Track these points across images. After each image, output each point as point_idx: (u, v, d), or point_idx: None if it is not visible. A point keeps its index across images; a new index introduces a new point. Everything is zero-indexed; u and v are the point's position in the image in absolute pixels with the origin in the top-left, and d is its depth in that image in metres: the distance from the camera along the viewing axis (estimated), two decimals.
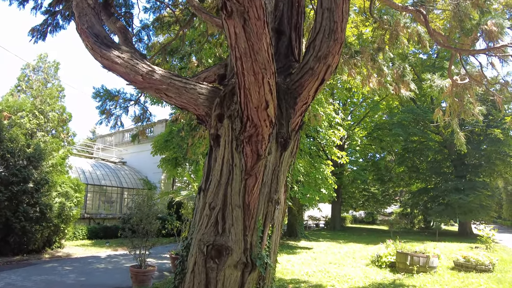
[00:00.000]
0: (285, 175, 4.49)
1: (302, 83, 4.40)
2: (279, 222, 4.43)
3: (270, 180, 4.24)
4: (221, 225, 3.93)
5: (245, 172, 3.94)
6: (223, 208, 3.98)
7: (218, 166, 4.19)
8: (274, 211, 4.23)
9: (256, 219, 4.01)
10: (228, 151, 4.10)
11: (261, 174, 3.98)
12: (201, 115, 4.59)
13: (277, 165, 4.32)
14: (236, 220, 3.90)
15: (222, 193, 4.02)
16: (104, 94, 11.64)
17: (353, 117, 34.16)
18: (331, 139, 18.71)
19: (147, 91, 4.77)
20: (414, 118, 27.81)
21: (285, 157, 4.42)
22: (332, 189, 17.88)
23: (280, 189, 4.37)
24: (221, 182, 4.09)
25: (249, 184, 3.92)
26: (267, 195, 4.16)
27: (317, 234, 26.72)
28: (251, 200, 3.95)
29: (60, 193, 14.68)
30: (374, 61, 9.62)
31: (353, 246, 19.08)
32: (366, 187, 35.57)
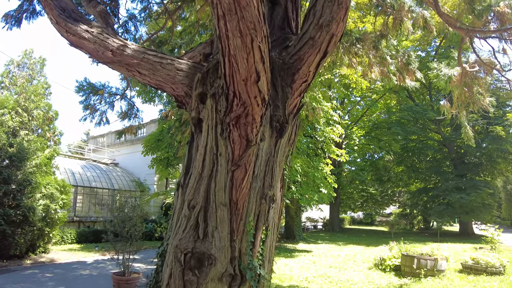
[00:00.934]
0: (281, 167, 3.76)
1: (301, 56, 3.69)
2: (275, 224, 3.70)
3: (263, 172, 3.51)
4: (202, 228, 3.20)
5: (232, 163, 3.21)
6: (205, 207, 3.24)
7: (199, 156, 3.46)
8: (268, 210, 3.50)
9: (246, 220, 3.28)
10: (212, 137, 3.37)
11: (251, 165, 3.25)
12: (179, 96, 3.86)
13: (272, 154, 3.59)
14: (221, 221, 3.16)
15: (204, 189, 3.29)
16: (87, 88, 10.89)
17: (350, 116, 33.53)
18: (329, 136, 18.01)
19: (118, 69, 4.02)
20: (413, 116, 27.18)
21: (281, 145, 3.69)
22: (332, 189, 17.17)
23: (276, 184, 3.64)
24: (203, 175, 3.36)
25: (237, 177, 3.19)
26: (259, 191, 3.43)
27: (315, 236, 26.00)
28: (239, 197, 3.22)
29: (45, 195, 13.87)
30: (377, 49, 8.94)
31: (353, 248, 18.37)
32: (364, 187, 34.86)
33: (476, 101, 9.13)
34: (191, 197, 3.36)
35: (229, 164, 3.21)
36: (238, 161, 3.17)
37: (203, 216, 3.21)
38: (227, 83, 3.00)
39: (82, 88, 10.86)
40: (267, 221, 3.47)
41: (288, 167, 4.01)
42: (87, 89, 10.87)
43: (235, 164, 3.18)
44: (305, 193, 16.88)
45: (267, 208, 3.47)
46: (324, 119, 18.57)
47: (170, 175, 18.49)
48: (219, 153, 3.29)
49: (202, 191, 3.28)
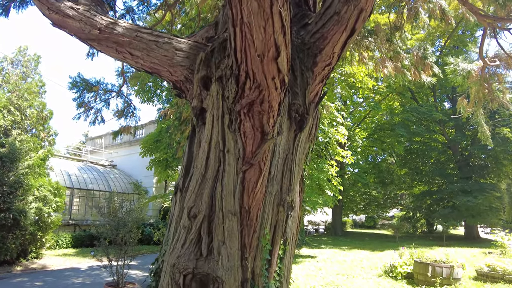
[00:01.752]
0: (301, 166, 3.16)
1: (324, 34, 3.08)
2: (293, 236, 3.09)
3: (280, 173, 2.92)
4: (206, 243, 2.59)
5: (243, 161, 2.61)
6: (209, 217, 2.64)
7: (202, 153, 2.85)
8: (286, 219, 2.90)
9: (261, 232, 2.68)
10: (218, 130, 2.77)
11: (267, 163, 2.64)
12: (178, 81, 3.26)
13: (290, 151, 3.00)
14: (229, 234, 2.55)
15: (207, 193, 2.68)
16: (81, 84, 10.27)
17: (352, 118, 32.93)
18: (334, 137, 17.40)
19: (106, 51, 3.41)
20: (418, 117, 26.59)
21: (301, 140, 3.09)
22: (337, 191, 16.55)
23: (295, 188, 3.04)
24: (207, 176, 2.75)
25: (250, 179, 2.59)
26: (276, 196, 2.83)
27: (318, 240, 25.38)
28: (252, 204, 2.62)
29: (38, 197, 13.24)
30: (390, 42, 8.34)
31: (358, 253, 17.74)
32: (367, 190, 34.21)
33: (496, 98, 8.53)
34: (191, 204, 2.75)
35: (240, 163, 2.60)
36: (251, 159, 2.56)
37: (207, 228, 2.61)
38: (238, 61, 2.40)
39: (76, 85, 10.25)
40: (285, 233, 2.87)
41: (307, 166, 3.40)
42: (81, 85, 10.26)
43: (247, 163, 2.57)
44: (309, 196, 16.25)
45: (285, 217, 2.87)
46: (328, 119, 18.01)
47: (169, 177, 17.88)
48: (227, 149, 2.68)
49: (206, 196, 2.67)
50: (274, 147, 2.81)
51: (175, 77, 3.28)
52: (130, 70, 11.92)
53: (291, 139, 2.98)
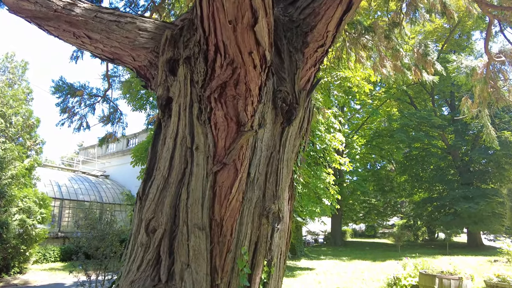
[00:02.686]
0: (290, 168, 2.61)
1: (316, 9, 2.57)
2: (282, 254, 2.52)
3: (263, 176, 2.36)
4: (165, 266, 2.03)
5: (214, 160, 2.05)
6: (171, 232, 2.09)
7: (166, 152, 2.31)
8: (271, 234, 2.34)
9: (237, 252, 2.11)
10: (184, 123, 2.23)
11: (245, 163, 2.10)
12: (142, 67, 2.72)
13: (276, 149, 2.45)
14: (196, 255, 2.00)
15: (169, 202, 2.13)
16: (65, 88, 9.75)
17: (350, 125, 32.49)
18: (331, 144, 16.88)
19: (63, 36, 2.89)
20: (417, 122, 26.16)
21: (290, 136, 2.55)
22: (335, 200, 15.96)
23: (282, 194, 2.48)
24: (170, 180, 2.20)
25: (222, 182, 2.04)
26: (258, 205, 2.28)
27: (317, 251, 24.69)
28: (226, 215, 2.07)
29: (22, 209, 12.60)
30: (389, 39, 7.87)
31: (358, 263, 17.08)
32: (366, 198, 33.57)
33: (502, 97, 8.04)
34: (150, 215, 2.19)
35: (210, 163, 2.05)
36: (223, 157, 2.02)
37: (168, 246, 2.05)
38: (206, 31, 1.87)
39: (59, 89, 9.72)
40: (270, 251, 2.30)
41: (299, 169, 2.85)
42: (64, 89, 9.73)
43: (219, 162, 2.02)
44: (306, 205, 15.67)
45: (270, 232, 2.31)
46: (325, 125, 17.55)
47: None
48: (195, 146, 2.13)
49: (167, 205, 2.12)
50: (255, 142, 2.27)
51: (139, 62, 2.75)
52: (116, 74, 11.41)
53: (277, 134, 2.44)
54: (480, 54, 25.13)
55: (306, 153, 18.12)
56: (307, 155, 18.22)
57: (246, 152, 2.07)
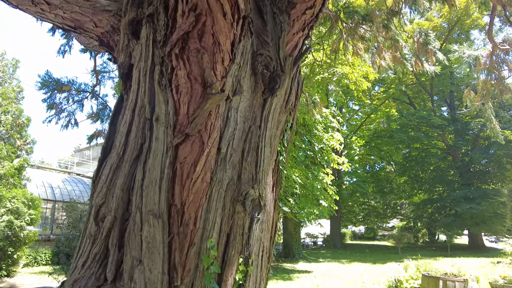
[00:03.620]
0: (274, 147, 2.21)
1: None
2: (265, 251, 2.11)
3: (239, 153, 1.97)
4: (113, 261, 1.64)
5: (174, 131, 1.66)
6: (122, 220, 1.69)
7: (124, 126, 1.92)
8: (250, 225, 1.93)
9: (203, 246, 1.71)
10: (144, 90, 1.84)
11: (214, 135, 1.72)
12: (104, 33, 2.34)
13: (257, 123, 2.06)
14: (150, 249, 1.61)
15: (121, 184, 1.75)
16: (51, 83, 9.37)
17: (349, 126, 32.15)
18: (329, 143, 16.49)
19: (22, 4, 2.50)
20: (417, 122, 25.80)
21: (274, 109, 2.16)
22: (333, 201, 15.55)
23: (264, 177, 2.09)
24: (125, 158, 1.81)
25: (185, 158, 1.67)
26: (230, 188, 1.88)
27: (316, 254, 24.23)
28: (189, 199, 1.69)
29: (10, 209, 12.16)
30: (388, 29, 7.51)
31: (358, 266, 16.65)
32: (365, 200, 33.15)
33: (506, 88, 7.66)
34: (101, 201, 1.80)
35: (170, 134, 1.65)
36: (186, 126, 1.62)
37: (118, 237, 1.66)
38: None
39: (45, 84, 9.34)
40: (248, 246, 1.90)
41: (285, 150, 2.44)
42: (51, 84, 9.35)
43: (181, 133, 1.64)
44: (304, 206, 15.24)
45: (248, 222, 1.91)
46: (323, 124, 17.19)
47: None
48: (156, 116, 1.74)
49: (119, 188, 1.73)
50: (228, 112, 1.88)
51: (101, 28, 2.36)
52: (106, 69, 11.03)
53: (257, 105, 2.05)
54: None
55: (304, 152, 17.75)
56: (305, 156, 17.87)
57: (216, 121, 1.69)
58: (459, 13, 24.37)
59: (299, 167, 15.99)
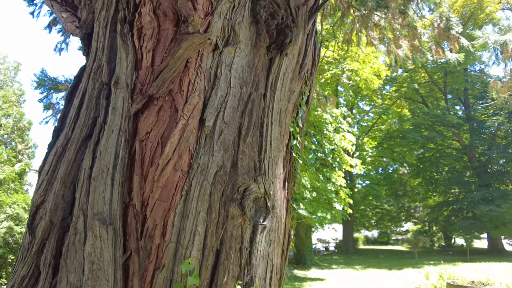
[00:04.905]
0: (286, 127, 1.63)
1: None
2: (275, 273, 1.51)
3: (234, 129, 1.40)
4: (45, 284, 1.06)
5: (133, 93, 1.09)
6: (61, 227, 1.12)
7: (77, 98, 1.34)
8: (251, 236, 1.35)
9: (176, 270, 1.14)
10: (103, 45, 1.30)
11: (195, 100, 1.15)
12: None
13: (260, 90, 1.49)
14: (93, 273, 1.04)
15: (63, 175, 1.18)
16: (47, 82, 8.97)
17: (360, 127, 31.37)
18: (340, 144, 15.81)
19: None
20: (431, 121, 24.92)
21: (284, 73, 1.60)
22: (347, 204, 14.85)
23: (272, 167, 1.51)
24: (73, 138, 1.23)
25: (147, 133, 1.10)
26: (220, 180, 1.31)
27: (328, 260, 23.44)
28: (153, 197, 1.12)
29: (10, 215, 11.79)
30: (405, 15, 6.90)
31: (373, 272, 15.88)
32: (378, 203, 32.17)
33: None
34: (39, 199, 1.26)
35: (127, 99, 1.09)
36: (150, 84, 1.06)
37: (53, 253, 1.11)
38: None
39: (41, 83, 8.94)
40: (250, 267, 1.32)
41: (300, 133, 1.85)
42: (46, 83, 8.94)
43: (142, 95, 1.07)
44: (315, 210, 14.55)
45: (249, 232, 1.34)
46: (334, 125, 16.55)
47: None
48: (114, 79, 1.20)
49: (59, 181, 1.18)
50: (218, 68, 1.31)
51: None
52: None
53: (260, 66, 1.47)
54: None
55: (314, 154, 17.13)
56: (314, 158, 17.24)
57: (197, 80, 1.14)
58: (472, 7, 23.58)
59: (309, 169, 15.35)
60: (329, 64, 13.02)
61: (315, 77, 1.99)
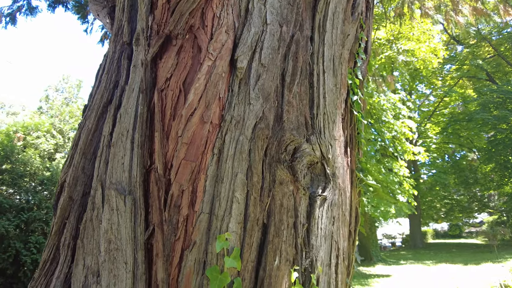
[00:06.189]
0: (342, 78, 1.34)
1: None
2: (342, 258, 1.22)
3: (275, 72, 1.13)
4: (60, 276, 0.92)
5: (150, 33, 0.89)
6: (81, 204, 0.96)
7: (101, 64, 1.18)
8: (308, 209, 1.08)
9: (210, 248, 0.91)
10: (122, 5, 1.08)
11: (222, 36, 0.92)
12: None
13: (305, 31, 1.22)
14: (110, 253, 0.86)
15: (83, 145, 1.02)
16: None
17: (421, 113, 29.35)
18: (401, 131, 14.78)
19: None
20: (502, 99, 22.47)
21: (333, 11, 1.30)
22: (411, 196, 13.84)
23: (328, 125, 1.22)
24: (94, 104, 1.08)
25: (165, 78, 0.88)
26: (261, 135, 1.05)
27: (395, 255, 22.19)
28: (178, 155, 0.89)
29: None
30: None
31: (447, 268, 14.63)
32: (447, 194, 29.80)
33: None
34: (63, 176, 1.11)
35: (144, 45, 0.90)
36: (167, 21, 0.85)
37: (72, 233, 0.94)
38: None
39: None
40: (308, 248, 1.04)
41: (361, 87, 1.53)
42: None
43: (159, 35, 0.86)
44: (378, 204, 13.75)
45: (305, 204, 1.07)
46: (393, 112, 15.55)
47: None
48: (135, 37, 1.00)
49: (78, 152, 1.01)
50: (249, 1, 1.06)
51: None
52: None
53: (303, 4, 1.20)
54: None
55: (373, 145, 16.25)
56: (374, 149, 16.35)
57: (223, 13, 0.91)
58: None
59: (370, 161, 14.55)
60: (382, 46, 12.18)
61: (372, 23, 1.67)
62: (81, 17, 8.53)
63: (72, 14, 8.69)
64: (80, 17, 8.52)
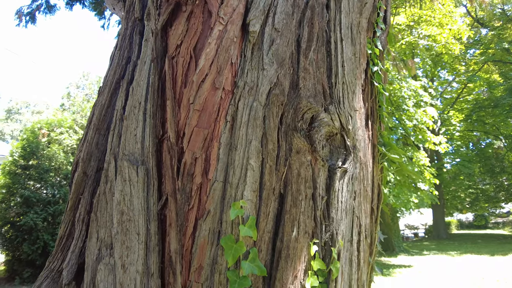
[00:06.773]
0: (361, 47, 1.28)
1: None
2: (366, 233, 1.17)
3: (290, 37, 1.09)
4: (75, 250, 0.92)
5: (159, 4, 0.86)
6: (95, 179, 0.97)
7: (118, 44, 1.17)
8: (328, 181, 1.03)
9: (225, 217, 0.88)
10: None
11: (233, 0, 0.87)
12: None
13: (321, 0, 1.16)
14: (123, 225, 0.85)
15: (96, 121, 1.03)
16: None
17: (443, 100, 28.45)
18: (422, 120, 14.39)
19: None
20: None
21: None
22: (432, 185, 13.49)
23: (348, 95, 1.17)
24: (107, 81, 1.07)
25: (176, 45, 0.87)
26: (277, 100, 1.01)
27: (418, 246, 21.79)
28: (190, 123, 0.86)
29: None
30: None
31: (472, 259, 14.24)
32: (472, 183, 28.91)
33: None
34: (79, 153, 1.13)
35: (155, 14, 0.87)
36: None
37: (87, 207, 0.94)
38: None
39: None
40: (329, 221, 1.00)
41: (381, 57, 1.46)
42: None
43: (168, 1, 0.83)
44: (399, 194, 13.48)
45: (324, 175, 1.02)
46: (414, 100, 15.13)
47: None
48: (147, 11, 0.98)
49: (93, 125, 1.02)
50: None
51: None
52: None
53: None
54: None
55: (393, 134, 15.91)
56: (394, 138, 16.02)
57: None
58: None
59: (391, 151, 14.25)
60: (402, 32, 11.81)
61: None
62: (98, 13, 8.65)
63: (89, 11, 8.88)
64: (97, 14, 8.64)
